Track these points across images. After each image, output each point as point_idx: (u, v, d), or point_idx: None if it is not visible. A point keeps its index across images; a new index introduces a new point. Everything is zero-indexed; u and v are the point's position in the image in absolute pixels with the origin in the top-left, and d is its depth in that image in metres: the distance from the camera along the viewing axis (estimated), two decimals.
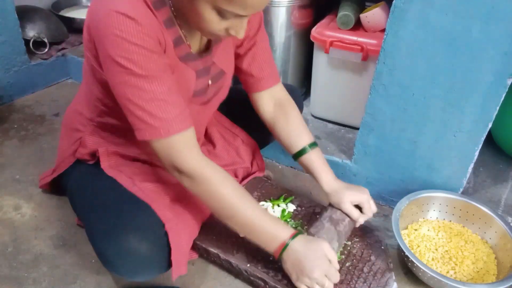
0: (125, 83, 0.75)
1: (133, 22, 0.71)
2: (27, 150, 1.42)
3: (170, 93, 0.78)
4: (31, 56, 1.72)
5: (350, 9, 1.32)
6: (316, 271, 0.83)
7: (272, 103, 1.07)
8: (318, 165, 1.03)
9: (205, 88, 0.94)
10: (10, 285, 0.99)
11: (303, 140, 1.04)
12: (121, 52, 0.73)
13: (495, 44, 0.92)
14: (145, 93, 0.76)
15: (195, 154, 0.83)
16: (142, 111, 0.77)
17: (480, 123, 1.02)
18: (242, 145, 1.18)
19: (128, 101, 0.77)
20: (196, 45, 0.91)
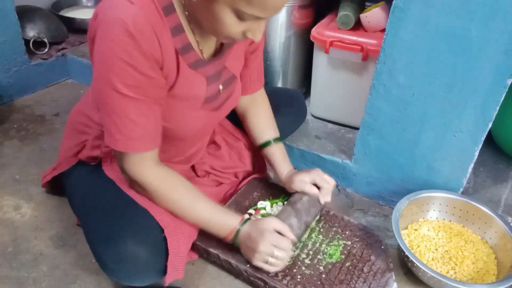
0: (103, 90, 0.77)
1: (130, 38, 0.71)
2: (27, 150, 1.42)
3: (141, 115, 0.79)
4: (31, 56, 1.71)
5: (350, 9, 1.32)
6: (261, 243, 0.88)
7: (248, 99, 1.13)
8: (278, 157, 1.10)
9: (216, 93, 0.94)
10: (10, 285, 0.99)
11: (269, 134, 1.12)
12: (109, 62, 0.73)
13: (495, 44, 0.92)
14: (117, 107, 0.78)
15: (149, 169, 0.86)
16: (110, 120, 0.80)
17: (480, 123, 1.02)
18: (244, 149, 1.18)
19: (101, 105, 0.80)
20: (209, 50, 0.90)
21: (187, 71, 0.85)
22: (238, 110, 1.15)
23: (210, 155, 1.14)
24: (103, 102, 0.79)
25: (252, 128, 1.13)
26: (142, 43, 0.72)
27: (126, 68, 0.73)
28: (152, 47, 0.74)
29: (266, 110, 1.14)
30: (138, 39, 0.71)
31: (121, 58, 0.72)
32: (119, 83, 0.74)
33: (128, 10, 0.71)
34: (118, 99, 0.76)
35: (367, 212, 1.26)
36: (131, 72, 0.74)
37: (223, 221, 0.92)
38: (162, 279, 0.88)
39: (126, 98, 0.76)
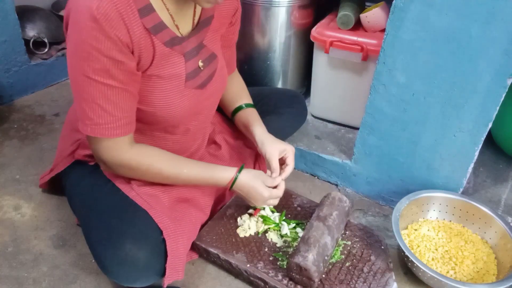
0: (74, 76, 0.79)
1: (95, 23, 0.72)
2: (27, 150, 1.42)
3: (109, 101, 0.80)
4: (31, 56, 1.72)
5: (350, 9, 1.32)
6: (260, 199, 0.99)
7: None
8: (252, 119, 1.10)
9: (196, 70, 0.93)
10: (10, 285, 0.99)
11: (241, 101, 1.13)
12: (77, 49, 0.75)
13: (495, 44, 0.92)
14: (85, 92, 0.79)
15: (125, 150, 0.87)
16: (79, 105, 0.81)
17: (480, 123, 1.02)
18: (245, 149, 1.18)
19: (74, 92, 0.81)
20: (187, 26, 0.90)
21: (163, 50, 0.84)
22: None
23: (211, 155, 1.14)
24: (74, 88, 0.80)
25: (225, 100, 1.13)
26: (107, 27, 0.73)
27: (93, 52, 0.74)
28: (118, 31, 0.74)
29: (238, 82, 1.16)
30: (102, 24, 0.72)
31: (88, 43, 0.73)
32: (87, 67, 0.76)
33: None
34: (86, 84, 0.78)
35: (367, 212, 1.26)
36: (97, 56, 0.75)
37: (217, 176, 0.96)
38: (161, 280, 0.88)
39: (94, 82, 0.77)
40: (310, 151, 1.35)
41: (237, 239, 1.04)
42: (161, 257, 0.86)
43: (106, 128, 0.82)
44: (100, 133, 0.82)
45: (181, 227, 0.91)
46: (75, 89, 0.80)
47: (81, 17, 0.72)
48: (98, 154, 0.87)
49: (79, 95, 0.80)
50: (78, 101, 0.81)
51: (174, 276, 0.88)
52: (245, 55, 1.48)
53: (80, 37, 0.74)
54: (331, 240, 0.97)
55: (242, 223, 1.08)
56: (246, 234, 1.05)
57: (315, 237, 0.94)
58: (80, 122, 0.83)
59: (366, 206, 1.28)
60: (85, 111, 0.80)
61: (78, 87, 0.79)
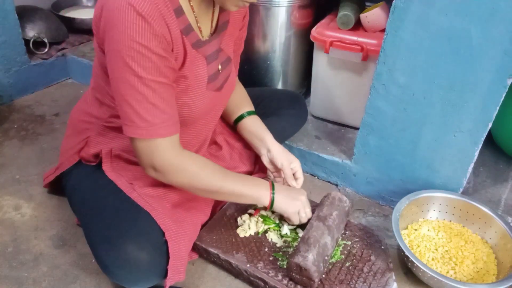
0: (121, 79, 0.77)
1: (142, 20, 0.72)
2: (27, 150, 1.42)
3: (162, 99, 0.80)
4: (31, 56, 1.72)
5: (350, 9, 1.32)
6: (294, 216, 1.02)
7: None
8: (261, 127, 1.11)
9: (216, 73, 0.96)
10: (10, 285, 0.99)
11: (244, 108, 1.13)
12: (125, 48, 0.74)
13: (495, 44, 0.92)
14: (138, 93, 0.78)
15: (173, 152, 0.86)
16: (131, 109, 0.79)
17: (480, 123, 1.02)
18: (246, 150, 1.18)
19: (120, 96, 0.79)
20: (207, 29, 0.92)
21: (191, 52, 0.86)
22: None
23: (211, 155, 1.14)
24: (122, 92, 0.78)
25: (227, 108, 1.13)
26: (154, 25, 0.73)
27: (142, 50, 0.74)
28: (162, 28, 0.75)
29: (239, 90, 1.16)
30: (149, 21, 0.73)
31: (137, 41, 0.73)
32: (138, 66, 0.75)
33: None
34: (139, 84, 0.77)
35: (367, 212, 1.26)
36: (147, 54, 0.75)
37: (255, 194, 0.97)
38: (163, 282, 0.88)
39: (146, 81, 0.77)
40: (310, 151, 1.35)
41: (237, 239, 1.04)
42: (163, 258, 0.86)
43: (163, 127, 0.81)
44: (158, 133, 0.81)
45: (182, 229, 0.91)
46: (124, 92, 0.78)
47: (126, 16, 0.72)
48: (149, 158, 0.84)
49: (130, 97, 0.78)
50: (127, 104, 0.79)
51: (176, 277, 0.88)
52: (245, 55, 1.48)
53: (126, 36, 0.73)
54: (331, 240, 0.97)
55: (242, 223, 1.08)
56: (246, 234, 1.05)
57: (315, 237, 0.94)
58: (130, 126, 0.81)
59: (366, 206, 1.28)
60: (138, 113, 0.79)
61: (129, 89, 0.77)
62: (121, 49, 0.74)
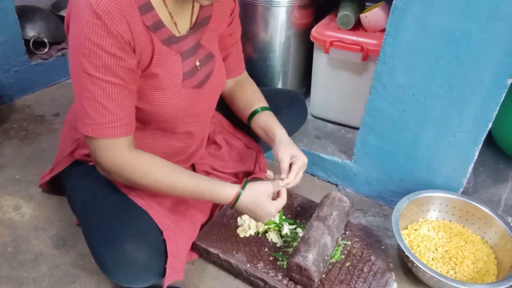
0: (74, 73, 0.77)
1: (96, 18, 0.71)
2: (27, 150, 1.42)
3: (111, 99, 0.79)
4: (31, 56, 1.72)
5: (350, 9, 1.32)
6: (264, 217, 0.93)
7: (233, 82, 1.13)
8: (271, 121, 1.07)
9: (193, 69, 0.93)
10: (10, 285, 0.99)
11: (257, 105, 1.09)
12: (79, 44, 0.74)
13: (495, 44, 0.92)
14: (86, 90, 0.77)
15: (123, 153, 0.84)
16: (81, 105, 0.79)
17: (480, 123, 1.02)
18: (245, 150, 1.18)
19: (75, 90, 0.80)
20: (185, 25, 0.90)
21: (161, 48, 0.84)
22: (225, 95, 1.14)
23: (211, 155, 1.14)
24: (76, 87, 0.79)
25: (239, 105, 1.11)
26: (109, 23, 0.72)
27: (94, 48, 0.73)
28: (120, 27, 0.74)
29: (252, 87, 1.14)
30: (104, 19, 0.72)
31: (89, 39, 0.73)
32: (88, 63, 0.75)
33: None
34: (88, 82, 0.76)
35: (367, 212, 1.26)
36: (98, 52, 0.74)
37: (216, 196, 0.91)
38: (161, 281, 0.88)
39: (95, 79, 0.76)
40: (310, 151, 1.35)
41: (237, 239, 1.04)
42: (161, 257, 0.86)
43: (108, 128, 0.80)
44: (101, 133, 0.80)
45: (181, 228, 0.91)
46: (76, 88, 0.79)
47: (83, 13, 0.72)
48: (95, 156, 0.84)
49: (81, 94, 0.78)
50: (79, 100, 0.79)
51: (174, 276, 0.88)
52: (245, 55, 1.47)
53: (81, 33, 0.73)
54: (331, 240, 0.97)
55: (242, 223, 1.08)
56: (246, 234, 1.05)
57: (315, 237, 0.94)
58: (80, 122, 0.81)
59: (366, 206, 1.28)
60: (86, 110, 0.78)
61: (80, 85, 0.77)
62: (76, 44, 0.74)
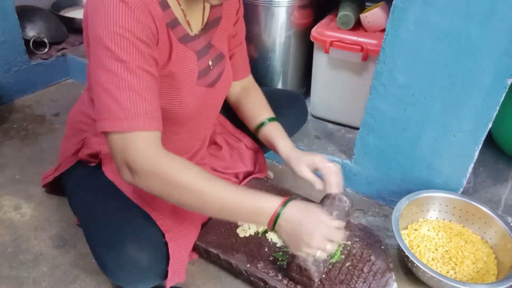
0: (103, 67, 0.71)
1: (125, 6, 0.70)
2: (27, 150, 1.42)
3: (148, 88, 0.73)
4: (31, 56, 1.72)
5: (350, 9, 1.32)
6: (316, 239, 0.78)
7: (239, 88, 1.13)
8: (276, 134, 1.06)
9: (207, 68, 0.94)
10: (10, 285, 0.99)
11: (264, 116, 1.09)
12: (106, 32, 0.70)
13: (495, 44, 0.92)
14: (120, 80, 0.71)
15: (152, 151, 0.75)
16: (111, 98, 0.71)
17: (480, 123, 1.02)
18: (246, 150, 1.18)
19: (99, 86, 0.72)
20: (197, 24, 0.90)
21: (178, 46, 0.84)
22: (231, 100, 1.14)
23: (211, 155, 1.14)
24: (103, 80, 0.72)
25: (246, 114, 1.11)
26: (137, 12, 0.71)
27: (126, 34, 0.70)
28: (146, 18, 0.73)
29: (258, 95, 1.13)
30: (133, 8, 0.71)
31: (119, 25, 0.69)
32: (120, 50, 0.70)
33: None
34: (120, 70, 0.71)
35: (367, 212, 1.26)
36: (131, 37, 0.70)
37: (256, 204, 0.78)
38: (163, 283, 0.88)
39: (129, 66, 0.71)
40: (310, 151, 1.35)
41: (237, 239, 1.04)
42: (163, 259, 0.86)
43: (147, 119, 0.72)
44: (140, 125, 0.72)
45: (182, 230, 0.91)
46: (104, 80, 0.71)
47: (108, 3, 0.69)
48: (125, 155, 0.73)
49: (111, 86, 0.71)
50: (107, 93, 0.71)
51: (176, 278, 0.87)
52: None
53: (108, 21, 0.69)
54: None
55: (242, 223, 1.08)
56: (246, 234, 1.05)
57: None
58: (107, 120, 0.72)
59: (366, 206, 1.28)
60: (118, 102, 0.71)
61: (110, 76, 0.71)
62: (103, 34, 0.70)
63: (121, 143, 0.73)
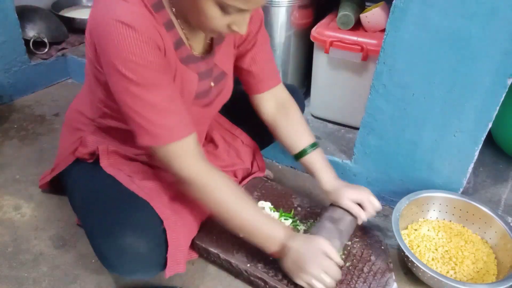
0: (126, 91, 0.76)
1: (131, 30, 0.72)
2: (27, 150, 1.42)
3: (171, 100, 0.79)
4: (31, 56, 1.72)
5: (350, 9, 1.32)
6: (312, 266, 0.84)
7: (273, 103, 1.07)
8: (319, 165, 1.04)
9: (208, 90, 0.95)
10: (10, 285, 0.99)
11: (304, 141, 1.05)
12: (120, 61, 0.73)
13: (495, 44, 0.92)
14: (145, 102, 0.76)
15: (194, 161, 0.84)
16: (143, 119, 0.77)
17: (480, 123, 1.02)
18: (243, 146, 1.18)
19: (128, 108, 0.78)
20: (199, 47, 0.91)
21: (180, 67, 0.85)
22: (267, 120, 1.08)
23: (209, 153, 1.14)
24: (129, 103, 0.77)
25: (285, 138, 1.07)
26: (142, 33, 0.73)
27: (138, 60, 0.73)
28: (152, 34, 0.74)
29: (297, 117, 1.08)
30: (137, 30, 0.72)
31: (130, 52, 0.72)
32: (138, 77, 0.74)
33: (123, 7, 0.73)
34: (142, 93, 0.76)
35: None
36: (142, 62, 0.74)
37: (270, 232, 0.88)
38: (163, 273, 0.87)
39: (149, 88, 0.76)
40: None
41: (237, 239, 1.03)
42: (162, 248, 0.86)
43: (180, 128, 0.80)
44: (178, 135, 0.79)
45: (181, 219, 0.92)
46: (131, 104, 0.77)
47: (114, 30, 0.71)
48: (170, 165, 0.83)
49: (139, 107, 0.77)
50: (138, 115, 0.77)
51: (175, 267, 0.88)
52: None
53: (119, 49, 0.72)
54: (340, 245, 0.96)
55: None
56: None
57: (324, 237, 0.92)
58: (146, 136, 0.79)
59: None
60: (151, 121, 0.77)
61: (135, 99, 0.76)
62: (116, 62, 0.74)
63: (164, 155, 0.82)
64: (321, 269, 0.85)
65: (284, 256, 0.88)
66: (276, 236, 0.87)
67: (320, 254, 0.86)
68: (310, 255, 0.85)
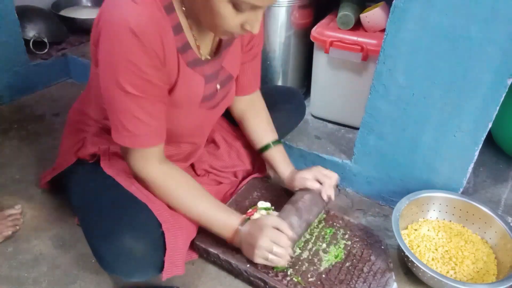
0: (109, 89, 0.79)
1: (134, 37, 0.72)
2: (27, 150, 1.42)
3: (147, 113, 0.81)
4: (31, 56, 1.72)
5: (350, 9, 1.32)
6: (260, 239, 0.88)
7: (245, 102, 1.12)
8: (279, 158, 1.11)
9: (214, 93, 0.96)
10: (10, 285, 0.99)
11: (269, 137, 1.12)
12: (115, 62, 0.75)
13: (495, 44, 0.92)
14: (124, 106, 0.80)
15: (157, 164, 0.89)
16: (119, 121, 0.82)
17: (480, 123, 1.02)
18: (243, 148, 1.18)
19: (109, 104, 0.82)
20: (207, 49, 0.91)
21: (186, 70, 0.86)
22: (235, 113, 1.14)
23: (210, 154, 1.14)
24: (110, 100, 0.81)
25: (251, 132, 1.14)
26: (145, 42, 0.73)
27: (131, 67, 0.75)
28: (154, 45, 0.75)
29: (263, 114, 1.15)
30: (141, 38, 0.73)
31: (126, 58, 0.74)
32: (125, 82, 0.76)
33: (132, 9, 0.73)
34: (124, 98, 0.78)
35: (367, 212, 1.26)
36: (135, 71, 0.75)
37: (225, 221, 0.93)
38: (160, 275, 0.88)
39: (131, 96, 0.78)
40: (310, 151, 1.35)
41: None
42: (160, 250, 0.86)
43: (146, 139, 0.84)
44: (138, 143, 0.84)
45: (180, 222, 0.92)
46: (110, 102, 0.81)
47: (119, 31, 0.72)
48: (131, 165, 0.89)
49: (116, 107, 0.81)
50: (114, 112, 0.82)
51: (173, 270, 0.87)
52: None
53: (116, 51, 0.74)
54: (298, 220, 0.98)
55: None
56: None
57: (280, 217, 0.97)
58: (116, 133, 0.84)
59: (366, 206, 1.28)
60: (122, 123, 0.81)
61: (114, 100, 0.80)
62: (111, 62, 0.76)
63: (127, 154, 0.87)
64: (270, 241, 0.88)
65: (239, 240, 0.92)
66: (231, 224, 0.92)
67: (269, 229, 0.90)
68: (259, 231, 0.89)
